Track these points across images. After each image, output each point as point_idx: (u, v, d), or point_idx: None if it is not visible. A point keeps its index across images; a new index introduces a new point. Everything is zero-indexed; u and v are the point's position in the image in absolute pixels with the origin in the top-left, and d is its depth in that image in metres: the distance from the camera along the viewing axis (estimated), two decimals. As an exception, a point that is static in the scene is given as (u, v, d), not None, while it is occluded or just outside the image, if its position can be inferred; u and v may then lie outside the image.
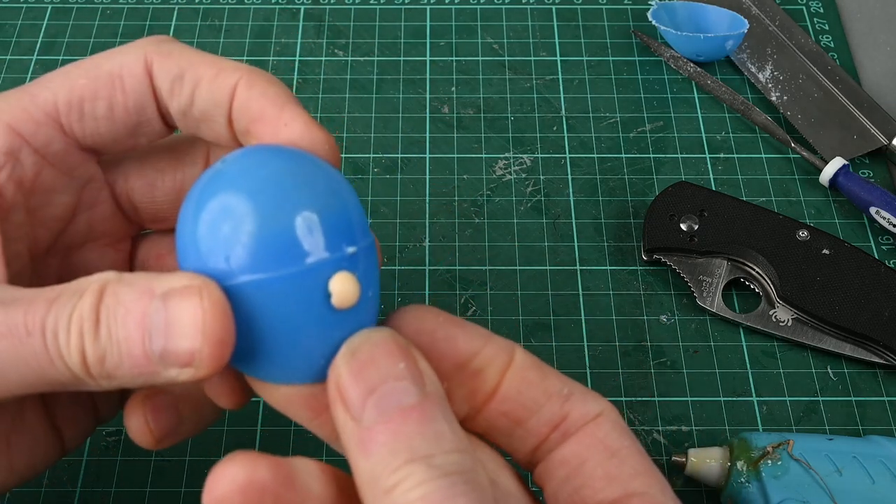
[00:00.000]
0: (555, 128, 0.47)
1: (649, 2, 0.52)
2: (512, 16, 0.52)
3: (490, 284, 0.42)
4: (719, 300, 0.40)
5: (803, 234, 0.40)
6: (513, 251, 0.43)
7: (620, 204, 0.44)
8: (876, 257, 0.41)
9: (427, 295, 0.41)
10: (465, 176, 0.45)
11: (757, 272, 0.41)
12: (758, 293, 0.41)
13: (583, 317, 0.41)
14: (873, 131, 0.46)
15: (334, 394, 0.22)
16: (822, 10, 0.53)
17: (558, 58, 0.50)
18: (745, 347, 0.40)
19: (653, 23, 0.49)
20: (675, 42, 0.49)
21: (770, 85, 0.49)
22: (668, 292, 0.42)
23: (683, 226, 0.41)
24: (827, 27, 0.52)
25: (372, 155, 0.46)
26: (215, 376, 0.23)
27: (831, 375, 0.39)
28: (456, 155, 0.46)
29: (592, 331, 0.40)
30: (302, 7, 0.52)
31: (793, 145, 0.46)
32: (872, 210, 0.42)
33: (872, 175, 0.46)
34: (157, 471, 0.36)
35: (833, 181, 0.44)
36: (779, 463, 0.33)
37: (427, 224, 0.44)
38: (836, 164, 0.44)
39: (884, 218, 0.42)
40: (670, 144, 0.47)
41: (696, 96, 0.49)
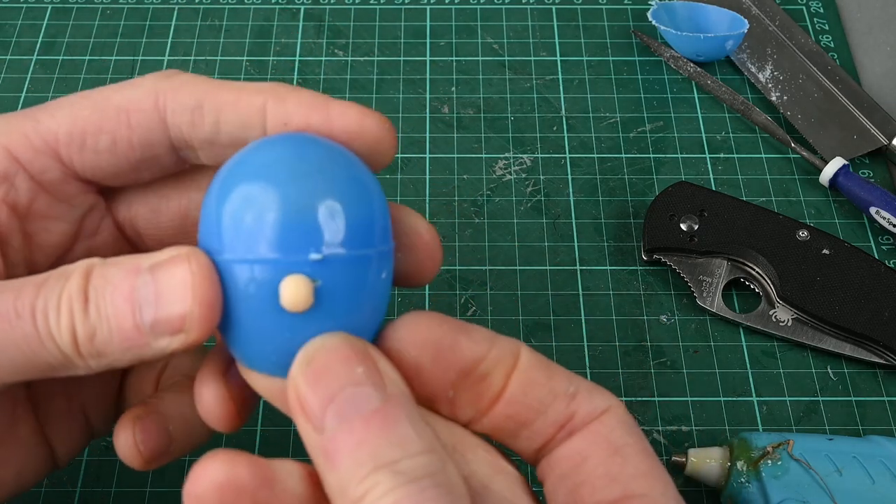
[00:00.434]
0: (555, 128, 0.47)
1: (649, 2, 0.52)
2: (512, 16, 0.52)
3: (490, 284, 0.42)
4: (719, 300, 0.40)
5: (803, 234, 0.40)
6: (513, 251, 0.43)
7: (620, 204, 0.44)
8: (876, 257, 0.41)
9: (427, 295, 0.41)
10: (465, 176, 0.45)
11: (757, 272, 0.41)
12: (758, 293, 0.41)
13: (583, 317, 0.41)
14: (873, 131, 0.46)
15: (295, 405, 0.21)
16: (822, 10, 0.53)
17: (558, 58, 0.50)
18: (745, 347, 0.40)
19: (653, 23, 0.49)
20: (675, 42, 0.49)
21: (770, 85, 0.49)
22: (668, 292, 0.42)
23: (683, 226, 0.41)
24: (827, 27, 0.52)
25: (372, 155, 0.46)
26: (203, 341, 0.23)
27: (831, 375, 0.39)
28: (456, 155, 0.46)
29: (592, 331, 0.40)
30: (302, 7, 0.52)
31: (793, 145, 0.46)
32: (872, 210, 0.42)
33: (872, 175, 0.46)
34: (157, 471, 0.36)
35: (833, 181, 0.44)
36: (779, 463, 0.33)
37: (427, 224, 0.44)
38: (836, 164, 0.44)
39: (884, 218, 0.42)
40: (670, 144, 0.47)
41: (696, 96, 0.49)
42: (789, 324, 0.40)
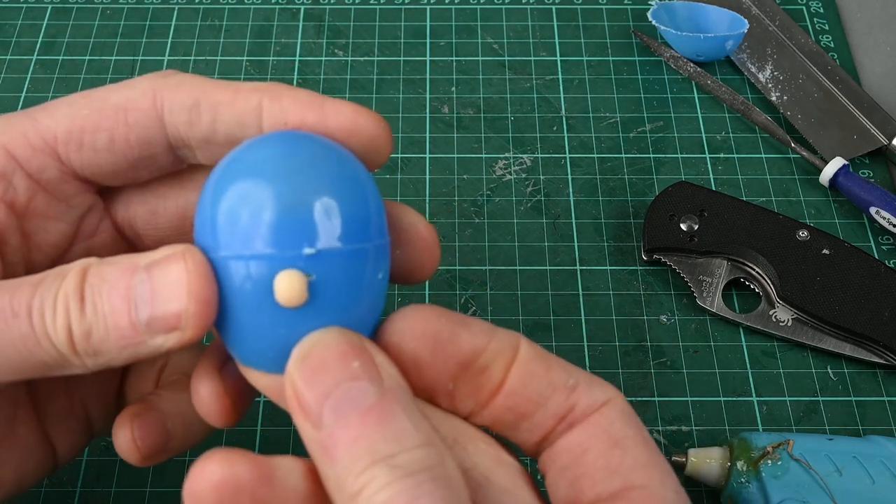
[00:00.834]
0: (555, 128, 0.47)
1: (649, 2, 0.52)
2: (512, 16, 0.52)
3: (490, 284, 0.42)
4: (719, 300, 0.40)
5: (803, 234, 0.40)
6: (513, 251, 0.43)
7: (620, 204, 0.44)
8: (876, 257, 0.41)
9: (427, 295, 0.41)
10: (465, 176, 0.45)
11: (757, 272, 0.41)
12: (758, 293, 0.41)
13: (583, 317, 0.41)
14: (873, 131, 0.46)
15: (293, 402, 0.21)
16: (822, 10, 0.53)
17: (558, 58, 0.50)
18: (745, 347, 0.40)
19: (653, 23, 0.49)
20: (675, 42, 0.49)
21: (770, 85, 0.49)
22: (668, 292, 0.42)
23: (683, 226, 0.41)
24: (827, 27, 0.52)
25: (372, 155, 0.46)
26: (199, 339, 0.23)
27: (831, 375, 0.39)
28: (456, 155, 0.46)
29: (592, 331, 0.40)
30: (302, 7, 0.52)
31: (793, 145, 0.46)
32: (872, 210, 0.42)
33: (872, 175, 0.46)
34: (157, 471, 0.36)
35: (833, 181, 0.44)
36: (779, 463, 0.33)
37: (427, 224, 0.44)
38: (836, 164, 0.44)
39: (884, 218, 0.42)
40: (670, 144, 0.47)
41: (696, 96, 0.49)
42: (789, 324, 0.40)
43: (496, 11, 0.52)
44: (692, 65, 0.49)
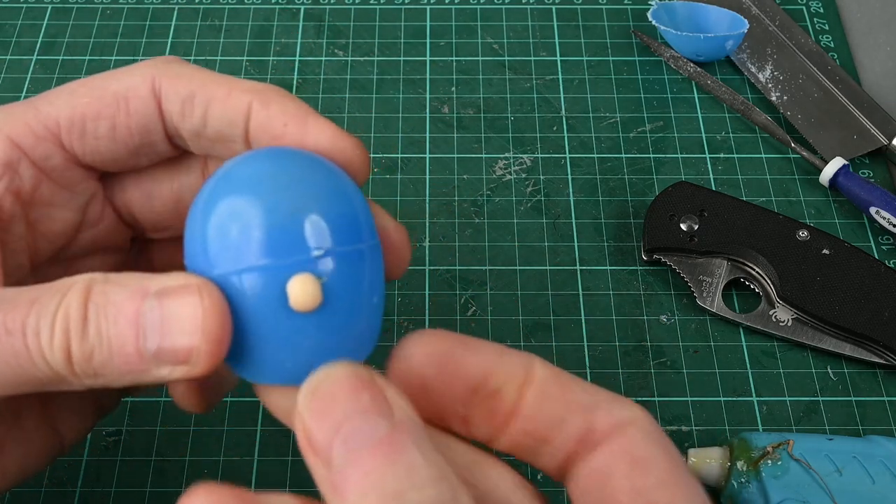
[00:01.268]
0: (555, 128, 0.47)
1: (649, 2, 0.52)
2: (512, 16, 0.52)
3: (490, 284, 0.42)
4: (719, 300, 0.40)
5: (803, 234, 0.40)
6: (513, 251, 0.43)
7: (620, 204, 0.44)
8: (876, 257, 0.41)
9: (427, 295, 0.41)
10: (465, 176, 0.45)
11: (757, 272, 0.41)
12: (758, 293, 0.41)
13: (583, 317, 0.41)
14: (873, 131, 0.46)
15: (303, 442, 0.21)
16: (822, 10, 0.53)
17: (558, 58, 0.50)
18: (745, 347, 0.40)
19: (653, 23, 0.49)
20: (675, 42, 0.49)
21: (770, 85, 0.49)
22: (668, 292, 0.42)
23: (683, 226, 0.41)
24: (827, 27, 0.52)
25: (372, 155, 0.46)
26: (208, 374, 0.23)
27: (831, 375, 0.39)
28: (456, 155, 0.46)
29: (592, 331, 0.40)
30: (302, 7, 0.52)
31: (793, 145, 0.46)
32: (872, 210, 0.42)
33: (872, 175, 0.46)
34: (157, 471, 0.36)
35: (833, 181, 0.44)
36: (779, 463, 0.33)
37: (427, 224, 0.44)
38: (836, 164, 0.44)
39: (884, 218, 0.42)
40: (670, 144, 0.47)
41: (696, 96, 0.49)
42: (789, 324, 0.40)
43: (496, 11, 0.52)
44: (692, 65, 0.49)
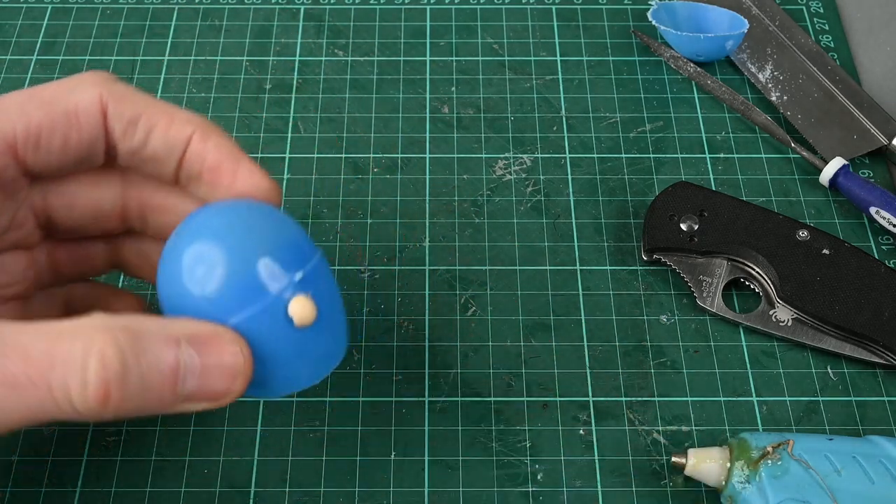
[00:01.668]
0: (555, 128, 0.47)
1: (649, 2, 0.52)
2: (512, 16, 0.52)
3: (490, 284, 0.42)
4: (719, 300, 0.40)
5: (803, 234, 0.40)
6: (513, 251, 0.43)
7: (620, 204, 0.44)
8: (876, 257, 0.41)
9: (427, 295, 0.41)
10: (465, 176, 0.45)
11: (757, 272, 0.41)
12: (758, 293, 0.41)
13: (583, 317, 0.41)
14: (873, 131, 0.46)
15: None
16: (822, 10, 0.53)
17: (558, 58, 0.50)
18: (745, 347, 0.40)
19: (653, 23, 0.49)
20: (675, 42, 0.49)
21: (770, 85, 0.49)
22: (668, 292, 0.42)
23: (683, 226, 0.41)
24: (827, 27, 0.52)
25: (372, 155, 0.46)
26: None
27: (831, 375, 0.39)
28: (456, 155, 0.46)
29: (592, 331, 0.40)
30: (302, 7, 0.52)
31: (793, 145, 0.46)
32: (872, 210, 0.42)
33: (872, 175, 0.46)
34: (157, 471, 0.36)
35: (833, 181, 0.44)
36: (779, 463, 0.33)
37: (427, 224, 0.44)
38: (836, 164, 0.44)
39: (884, 218, 0.42)
40: (670, 144, 0.47)
41: (696, 96, 0.49)
42: (789, 324, 0.40)
43: (496, 11, 0.52)
44: (692, 65, 0.49)
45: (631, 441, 0.37)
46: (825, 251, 0.40)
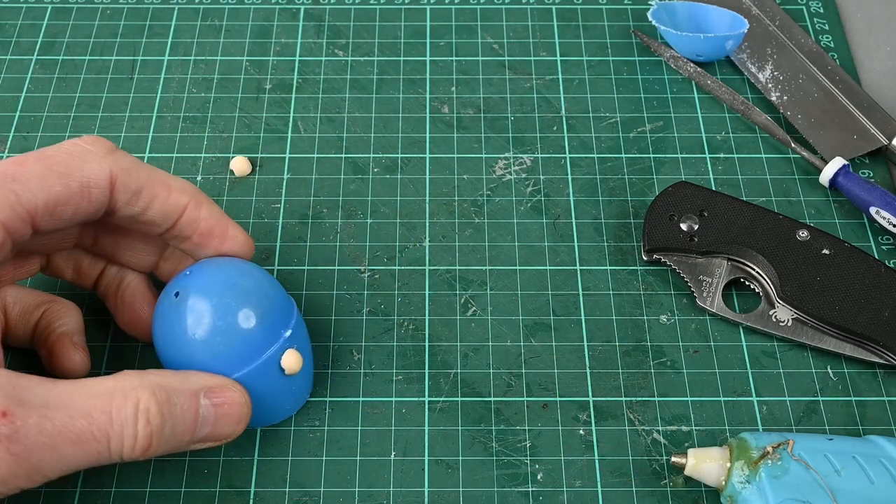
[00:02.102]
0: (555, 128, 0.47)
1: (649, 2, 0.52)
2: (512, 16, 0.52)
3: (490, 284, 0.42)
4: (719, 300, 0.40)
5: (803, 234, 0.40)
6: (513, 251, 0.43)
7: (620, 204, 0.44)
8: (876, 257, 0.41)
9: (427, 295, 0.41)
10: (465, 176, 0.45)
11: (757, 272, 0.41)
12: (758, 293, 0.41)
13: (583, 317, 0.41)
14: (873, 131, 0.46)
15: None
16: (822, 10, 0.53)
17: (558, 58, 0.50)
18: (745, 347, 0.40)
19: (653, 23, 0.49)
20: (675, 42, 0.49)
21: (770, 85, 0.49)
22: (668, 292, 0.42)
23: (683, 226, 0.41)
24: (827, 27, 0.52)
25: (372, 155, 0.46)
26: None
27: (831, 375, 0.39)
28: (456, 155, 0.46)
29: (592, 331, 0.40)
30: (302, 7, 0.52)
31: (793, 145, 0.46)
32: (872, 210, 0.42)
33: (872, 175, 0.46)
34: (157, 471, 0.36)
35: (833, 181, 0.44)
36: (779, 463, 0.33)
37: (427, 224, 0.44)
38: (836, 164, 0.44)
39: (884, 218, 0.42)
40: (670, 144, 0.47)
41: (696, 96, 0.49)
42: (789, 324, 0.40)
43: (496, 11, 0.52)
44: (692, 65, 0.49)
45: (631, 441, 0.37)
46: (825, 251, 0.40)
